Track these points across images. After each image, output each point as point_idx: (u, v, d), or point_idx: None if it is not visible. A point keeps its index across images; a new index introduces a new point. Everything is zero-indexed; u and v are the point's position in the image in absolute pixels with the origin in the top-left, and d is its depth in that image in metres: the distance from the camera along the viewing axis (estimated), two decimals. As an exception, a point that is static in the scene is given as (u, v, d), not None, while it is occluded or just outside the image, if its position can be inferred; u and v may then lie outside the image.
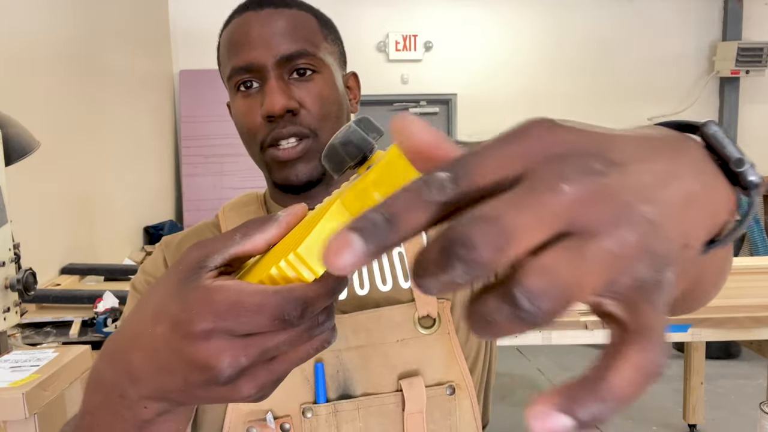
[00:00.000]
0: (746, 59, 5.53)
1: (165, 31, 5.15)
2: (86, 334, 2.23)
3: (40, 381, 1.45)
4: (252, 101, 0.75)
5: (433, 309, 0.75)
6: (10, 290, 1.69)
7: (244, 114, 0.76)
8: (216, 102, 5.01)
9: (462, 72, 5.62)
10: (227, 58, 0.78)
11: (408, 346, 0.73)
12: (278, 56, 0.73)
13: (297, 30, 0.75)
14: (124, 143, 4.04)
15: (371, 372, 0.73)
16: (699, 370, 3.01)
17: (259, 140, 0.76)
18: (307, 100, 0.74)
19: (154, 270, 0.82)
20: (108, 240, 3.74)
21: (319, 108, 0.75)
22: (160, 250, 0.84)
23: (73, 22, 3.41)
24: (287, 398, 0.72)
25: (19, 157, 1.79)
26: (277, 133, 0.74)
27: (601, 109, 5.78)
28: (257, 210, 0.84)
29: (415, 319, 0.74)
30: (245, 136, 0.78)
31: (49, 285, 2.82)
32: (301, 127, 0.74)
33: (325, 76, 0.76)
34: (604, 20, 5.68)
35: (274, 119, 0.73)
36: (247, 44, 0.74)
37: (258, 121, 0.75)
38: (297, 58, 0.74)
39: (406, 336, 0.74)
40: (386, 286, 0.76)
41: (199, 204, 4.96)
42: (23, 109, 2.26)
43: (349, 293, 0.76)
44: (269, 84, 0.73)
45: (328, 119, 0.76)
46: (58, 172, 3.09)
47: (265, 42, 0.74)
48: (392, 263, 0.78)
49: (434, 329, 0.74)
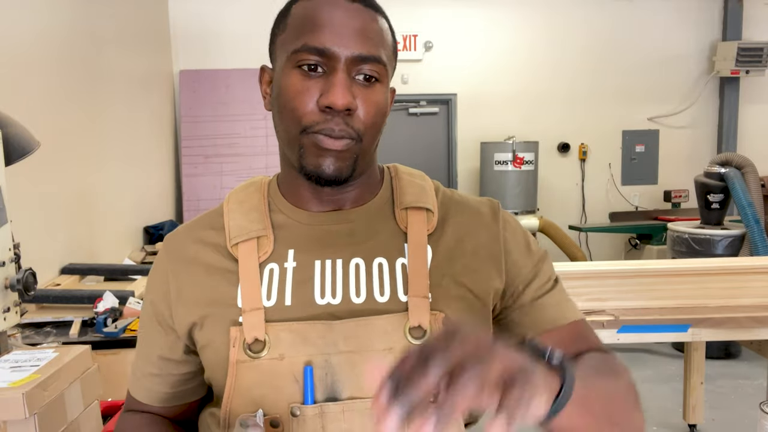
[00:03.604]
0: (746, 59, 5.53)
1: (165, 31, 5.15)
2: (86, 334, 2.23)
3: (40, 381, 1.45)
4: (311, 84, 0.74)
5: (425, 320, 0.75)
6: (10, 290, 1.69)
7: (297, 92, 0.74)
8: (216, 102, 5.01)
9: (462, 72, 5.62)
10: (300, 31, 0.75)
11: (395, 354, 0.74)
12: (355, 53, 0.73)
13: (378, 35, 0.76)
14: (124, 143, 4.04)
15: (358, 377, 0.74)
16: (699, 370, 3.01)
17: (304, 124, 0.74)
18: (364, 105, 0.75)
19: (153, 287, 0.85)
20: (108, 240, 3.74)
21: (372, 116, 0.75)
22: (162, 261, 0.86)
23: (73, 22, 3.41)
24: (277, 398, 0.74)
25: (19, 157, 1.79)
26: (329, 128, 0.73)
27: (601, 109, 5.79)
28: (259, 202, 0.84)
29: (406, 329, 0.75)
30: (287, 114, 0.75)
31: (49, 285, 2.82)
32: (351, 128, 0.74)
33: (384, 86, 0.77)
34: (604, 20, 5.68)
35: (331, 111, 0.73)
36: (329, 28, 0.73)
37: (310, 107, 0.73)
38: (370, 61, 0.74)
39: (394, 345, 0.74)
40: (384, 297, 0.77)
41: (199, 204, 4.96)
42: (23, 109, 2.26)
43: (344, 301, 0.77)
44: (338, 76, 0.73)
45: (374, 127, 0.77)
46: (58, 172, 3.09)
47: (347, 34, 0.73)
48: (393, 275, 0.78)
49: (425, 340, 0.74)
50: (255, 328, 0.75)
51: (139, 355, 0.87)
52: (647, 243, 5.16)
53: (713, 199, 4.09)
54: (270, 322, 0.75)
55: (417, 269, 0.77)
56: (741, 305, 2.31)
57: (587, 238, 5.82)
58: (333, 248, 0.80)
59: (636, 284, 2.39)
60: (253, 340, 0.74)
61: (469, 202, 0.86)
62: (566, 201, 5.85)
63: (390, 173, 0.87)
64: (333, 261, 0.79)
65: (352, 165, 0.76)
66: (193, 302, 0.80)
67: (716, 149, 5.91)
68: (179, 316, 0.81)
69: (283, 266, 0.79)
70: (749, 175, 3.96)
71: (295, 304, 0.77)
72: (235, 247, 0.80)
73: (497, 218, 0.85)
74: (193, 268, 0.82)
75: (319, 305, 0.77)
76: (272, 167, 4.91)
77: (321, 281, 0.78)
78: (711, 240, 4.02)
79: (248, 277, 0.78)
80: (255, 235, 0.80)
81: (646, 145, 5.91)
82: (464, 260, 0.80)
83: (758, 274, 2.39)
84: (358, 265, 0.79)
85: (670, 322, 2.30)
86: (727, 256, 3.80)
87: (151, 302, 0.85)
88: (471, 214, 0.84)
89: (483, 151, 5.42)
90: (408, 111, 5.68)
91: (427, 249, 0.79)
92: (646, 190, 5.94)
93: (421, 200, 0.83)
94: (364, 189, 0.83)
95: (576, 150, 5.84)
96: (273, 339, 0.75)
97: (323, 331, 0.74)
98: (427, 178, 0.88)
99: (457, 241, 0.81)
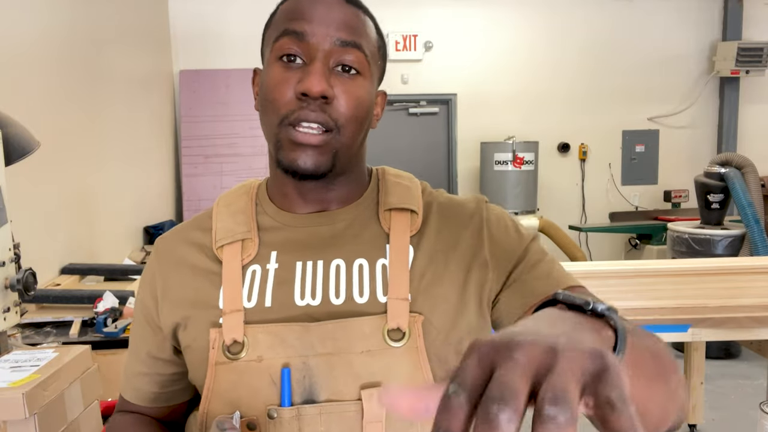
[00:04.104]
0: (746, 59, 5.53)
1: (165, 31, 5.15)
2: (86, 334, 2.23)
3: (40, 381, 1.45)
4: (290, 74, 0.74)
5: (404, 322, 0.74)
6: (10, 290, 1.69)
7: (277, 83, 0.74)
8: (216, 102, 5.01)
9: (462, 72, 5.62)
10: (281, 22, 0.76)
11: (373, 356, 0.74)
12: (333, 40, 0.73)
13: (358, 27, 0.76)
14: (124, 143, 4.04)
15: (335, 380, 0.74)
16: (699, 370, 3.01)
17: (282, 114, 0.74)
18: (342, 96, 0.74)
19: (143, 287, 0.86)
20: (108, 240, 3.74)
21: (352, 107, 0.75)
22: (151, 262, 0.87)
23: (73, 22, 3.41)
24: (254, 399, 0.74)
25: (19, 157, 1.79)
26: (304, 114, 0.73)
27: (601, 109, 5.79)
28: (246, 205, 0.84)
29: (384, 332, 0.74)
30: (268, 106, 0.76)
31: (49, 285, 2.82)
32: (328, 117, 0.73)
33: (365, 80, 0.76)
34: (604, 20, 5.68)
35: (306, 99, 0.72)
36: (308, 17, 0.74)
37: (288, 96, 0.73)
38: (350, 48, 0.74)
39: (372, 347, 0.74)
40: (363, 298, 0.76)
41: (199, 204, 4.96)
42: (23, 109, 2.26)
43: (324, 302, 0.76)
44: (315, 65, 0.73)
45: (355, 121, 0.75)
46: (58, 172, 3.09)
47: (326, 24, 0.73)
48: (373, 276, 0.78)
49: (403, 342, 0.74)
50: (234, 330, 0.75)
51: (130, 354, 0.88)
52: (647, 243, 5.16)
53: (713, 199, 4.09)
54: (249, 324, 0.75)
55: (397, 270, 0.77)
56: (741, 305, 2.31)
57: (587, 238, 5.82)
58: (315, 249, 0.80)
59: (636, 284, 2.39)
60: (231, 342, 0.75)
61: (454, 201, 0.86)
62: (566, 201, 5.85)
63: (378, 175, 0.87)
64: (314, 262, 0.79)
65: (331, 159, 0.75)
66: (177, 303, 0.81)
67: (716, 149, 5.91)
68: (165, 315, 0.82)
69: (266, 268, 0.79)
70: (749, 175, 3.97)
71: (274, 305, 0.77)
72: (220, 250, 0.80)
73: (480, 211, 0.83)
74: (180, 269, 0.82)
75: (299, 306, 0.77)
76: (272, 167, 4.87)
77: (301, 282, 0.78)
78: (711, 240, 4.02)
79: (230, 279, 0.78)
80: (240, 237, 0.81)
81: (646, 145, 5.91)
82: (447, 260, 0.79)
83: (758, 274, 2.39)
84: (339, 266, 0.78)
85: (670, 322, 2.30)
86: (727, 256, 3.80)
87: (141, 301, 0.86)
88: (455, 213, 0.83)
89: (483, 151, 5.42)
90: (408, 111, 5.68)
91: (410, 250, 0.79)
92: (646, 190, 5.94)
93: (405, 201, 0.82)
94: (350, 189, 0.83)
95: (576, 150, 5.84)
96: (251, 341, 0.74)
97: (301, 332, 0.74)
98: (415, 180, 0.88)
99: (440, 241, 0.80)
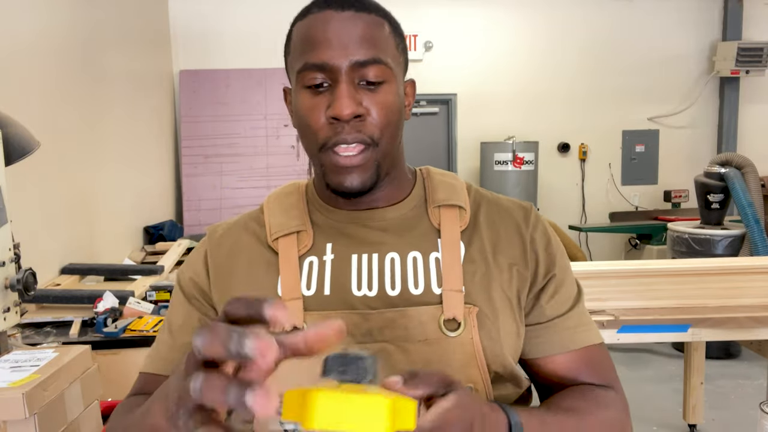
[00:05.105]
0: (746, 59, 5.53)
1: (165, 31, 5.15)
2: (86, 334, 2.23)
3: (40, 381, 1.45)
4: (318, 99, 0.76)
5: (459, 313, 0.77)
6: (10, 290, 1.69)
7: (309, 110, 0.77)
8: (216, 102, 5.01)
9: (462, 72, 5.62)
10: (300, 52, 0.78)
11: (430, 345, 0.76)
12: (353, 61, 0.74)
13: (374, 37, 0.77)
14: (124, 143, 4.04)
15: (392, 368, 0.74)
16: (699, 370, 3.01)
17: (320, 141, 0.76)
18: (373, 109, 0.76)
19: (192, 265, 0.87)
20: (108, 240, 3.73)
21: (384, 117, 0.77)
22: (203, 243, 0.88)
23: (73, 22, 3.41)
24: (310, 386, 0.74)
25: (19, 157, 1.79)
26: (341, 137, 0.75)
27: (601, 109, 5.79)
28: (298, 201, 0.87)
29: (441, 322, 0.77)
30: (306, 132, 0.78)
31: (49, 285, 2.82)
32: (364, 134, 0.76)
33: (391, 85, 0.78)
34: (604, 20, 5.68)
35: (339, 122, 0.75)
36: (325, 43, 0.75)
37: (322, 121, 0.76)
38: (370, 64, 0.75)
39: (429, 336, 0.76)
40: (418, 289, 0.79)
41: (199, 204, 4.96)
42: (23, 109, 2.26)
43: (380, 293, 0.79)
44: (340, 87, 0.74)
45: (390, 127, 0.78)
46: (58, 172, 3.09)
47: (342, 45, 0.75)
48: (427, 269, 0.80)
49: (458, 332, 0.76)
50: (293, 316, 0.77)
51: (162, 333, 0.87)
52: (647, 243, 5.16)
53: (713, 199, 4.09)
54: (308, 311, 0.78)
55: (450, 263, 0.80)
56: (741, 305, 2.31)
57: (587, 238, 5.82)
58: (369, 244, 0.82)
59: (636, 284, 2.39)
60: (291, 328, 0.76)
61: (501, 201, 0.89)
62: (566, 201, 5.85)
63: (422, 174, 0.90)
64: (369, 255, 0.81)
65: (375, 173, 0.78)
66: (233, 287, 0.82)
67: (716, 149, 5.91)
68: (217, 298, 0.83)
69: (322, 259, 0.82)
70: (749, 175, 3.96)
71: (333, 294, 0.79)
72: (275, 242, 0.83)
73: (528, 218, 0.87)
74: (236, 256, 0.85)
75: (356, 297, 0.79)
76: (273, 167, 4.91)
77: (358, 274, 0.80)
78: (711, 240, 4.02)
79: (288, 268, 0.81)
80: (295, 230, 0.83)
81: (646, 145, 5.91)
82: (495, 258, 0.82)
83: (758, 274, 2.39)
84: (393, 259, 0.81)
85: (670, 322, 2.30)
86: (727, 256, 3.80)
87: (190, 279, 0.86)
88: (503, 212, 0.87)
89: (483, 151, 5.42)
90: (408, 111, 5.67)
91: (460, 245, 0.82)
92: (646, 190, 5.94)
93: (453, 198, 0.85)
94: (394, 187, 0.85)
95: (576, 150, 5.84)
96: None
97: (359, 321, 0.77)
98: (459, 178, 0.91)
99: (489, 237, 0.84)
